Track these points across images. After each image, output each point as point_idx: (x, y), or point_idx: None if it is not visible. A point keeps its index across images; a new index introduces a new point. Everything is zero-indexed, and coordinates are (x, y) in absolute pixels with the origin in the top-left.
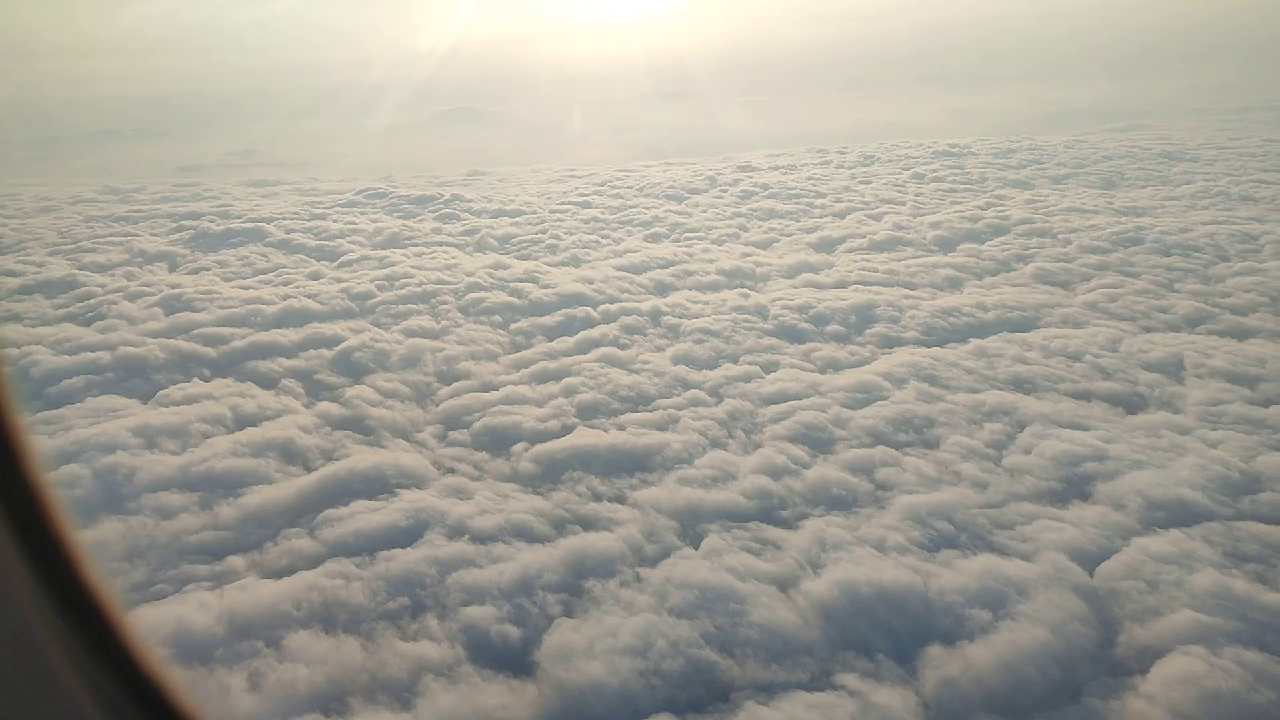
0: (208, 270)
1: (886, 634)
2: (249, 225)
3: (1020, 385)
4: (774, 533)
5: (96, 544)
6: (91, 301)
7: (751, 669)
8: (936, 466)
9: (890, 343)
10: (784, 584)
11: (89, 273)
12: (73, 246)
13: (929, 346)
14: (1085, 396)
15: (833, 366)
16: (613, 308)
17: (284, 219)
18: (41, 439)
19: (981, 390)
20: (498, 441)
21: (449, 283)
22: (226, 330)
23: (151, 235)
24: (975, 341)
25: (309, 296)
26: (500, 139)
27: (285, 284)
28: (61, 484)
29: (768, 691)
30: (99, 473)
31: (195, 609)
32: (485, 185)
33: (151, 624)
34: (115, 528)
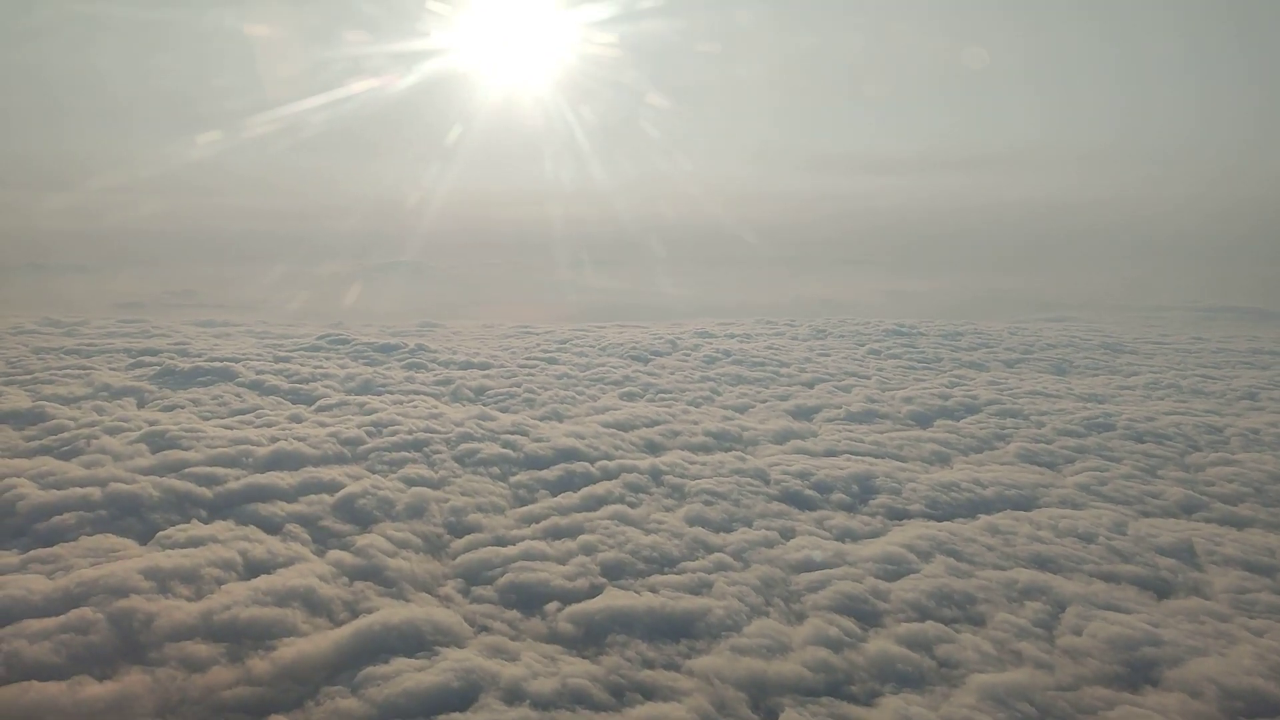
0: (182, 408)
1: None
2: (216, 364)
3: (1044, 564)
4: (851, 709)
5: (124, 698)
6: (65, 435)
7: None
8: (994, 645)
9: (897, 514)
10: None
11: (56, 404)
12: (28, 377)
13: (939, 520)
14: (1112, 579)
15: (850, 536)
16: (611, 464)
17: (250, 360)
18: (41, 580)
19: (1008, 567)
20: (527, 599)
21: (438, 432)
22: (219, 470)
23: (111, 370)
24: (984, 518)
25: (298, 439)
26: (441, 294)
27: (268, 425)
28: (73, 629)
29: None
30: (114, 618)
31: None
32: (442, 337)
33: None
34: (142, 680)
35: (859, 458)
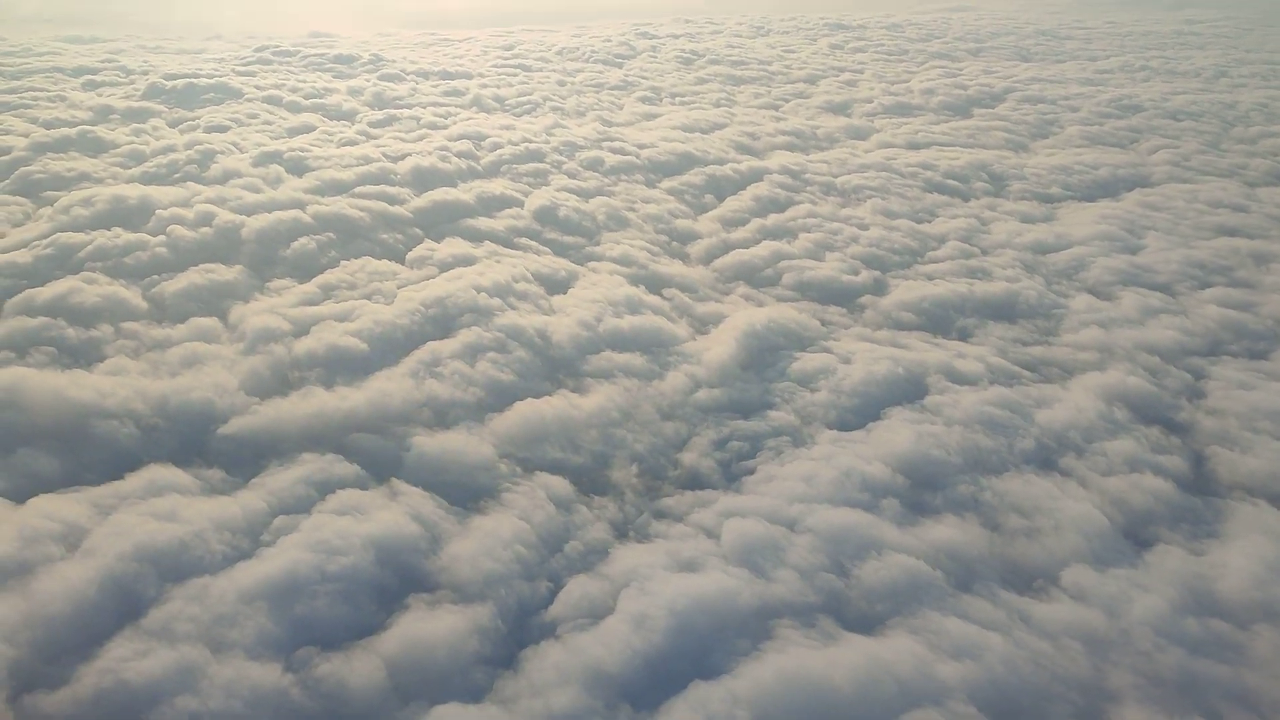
0: (228, 128)
1: None
2: (207, 80)
3: (1234, 232)
4: (1258, 365)
5: (601, 410)
6: (161, 160)
7: None
8: None
9: (1045, 198)
10: None
11: (99, 129)
12: None
13: (1090, 201)
14: None
15: (1032, 219)
16: (740, 167)
17: (218, 76)
18: (372, 305)
19: (1210, 238)
20: (829, 295)
21: (533, 143)
22: (387, 189)
23: (75, 92)
24: (1127, 195)
25: (419, 156)
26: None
27: (350, 144)
28: (491, 348)
29: None
30: (512, 335)
31: (856, 460)
32: (359, 47)
33: (841, 469)
34: (608, 392)
35: (946, 148)
